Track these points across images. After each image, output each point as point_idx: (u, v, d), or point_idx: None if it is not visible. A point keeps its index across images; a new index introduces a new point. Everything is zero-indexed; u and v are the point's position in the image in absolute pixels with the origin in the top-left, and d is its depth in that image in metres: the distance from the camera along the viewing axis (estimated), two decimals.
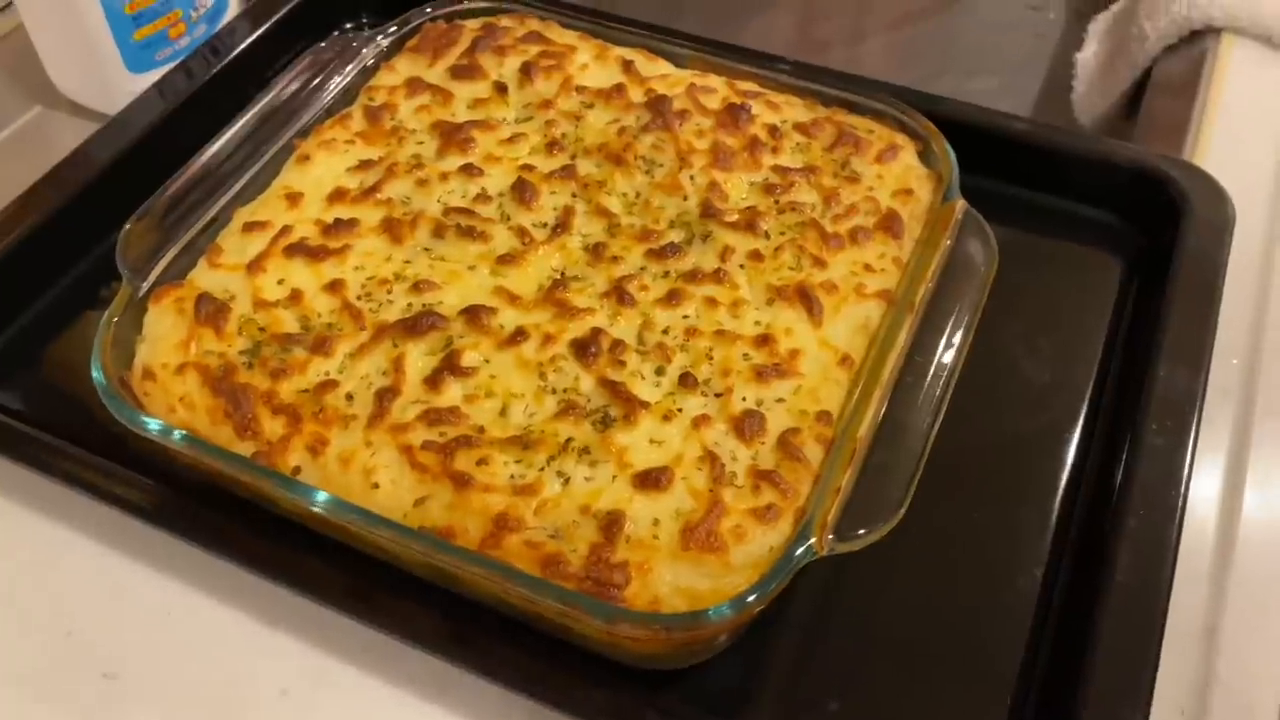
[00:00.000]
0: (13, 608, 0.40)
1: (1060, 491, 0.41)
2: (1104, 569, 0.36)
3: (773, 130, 0.45)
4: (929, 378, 0.37)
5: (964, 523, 0.40)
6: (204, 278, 0.40)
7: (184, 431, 0.35)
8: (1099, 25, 0.76)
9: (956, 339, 0.38)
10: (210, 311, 0.38)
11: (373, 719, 0.37)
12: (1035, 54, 0.95)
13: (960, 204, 0.42)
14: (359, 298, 0.39)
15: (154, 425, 0.36)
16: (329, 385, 0.36)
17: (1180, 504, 0.38)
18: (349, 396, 0.36)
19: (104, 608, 0.40)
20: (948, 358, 0.37)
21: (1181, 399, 0.40)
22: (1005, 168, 0.50)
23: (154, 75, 0.57)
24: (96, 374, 0.36)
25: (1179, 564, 0.36)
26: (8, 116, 0.63)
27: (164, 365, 0.37)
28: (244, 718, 0.37)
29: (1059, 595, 0.39)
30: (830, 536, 0.32)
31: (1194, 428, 0.40)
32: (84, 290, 0.49)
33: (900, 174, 0.43)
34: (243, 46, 0.56)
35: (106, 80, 0.58)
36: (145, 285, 0.40)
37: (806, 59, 0.49)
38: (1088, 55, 0.75)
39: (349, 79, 0.48)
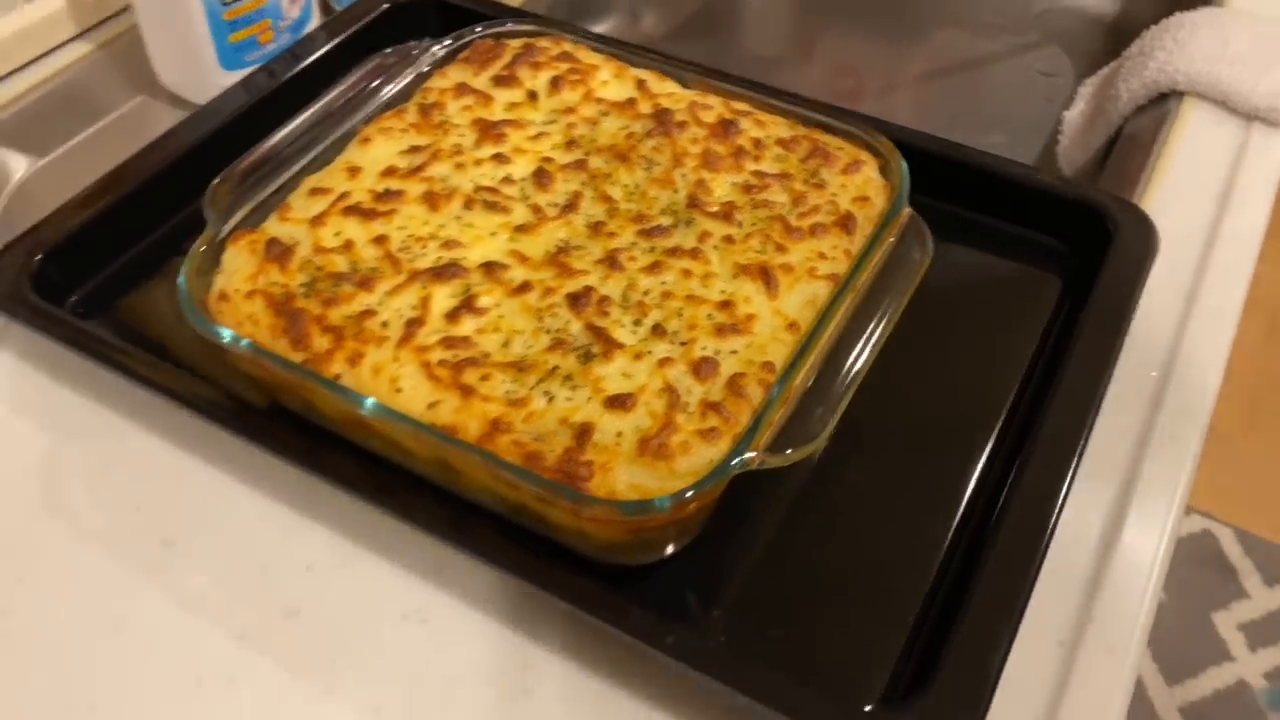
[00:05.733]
0: (91, 484, 0.49)
1: (970, 472, 0.48)
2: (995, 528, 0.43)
3: (757, 142, 0.53)
4: (859, 346, 0.44)
5: (884, 481, 0.48)
6: (274, 227, 0.49)
7: (249, 340, 0.44)
8: (1087, 89, 0.83)
9: (887, 316, 0.45)
10: (277, 252, 0.47)
11: (380, 591, 0.45)
12: (1044, 116, 1.03)
13: (907, 211, 0.49)
14: (399, 250, 0.47)
15: (226, 334, 0.44)
16: (368, 314, 0.45)
17: (1065, 487, 0.45)
18: (384, 323, 0.44)
19: (167, 489, 0.48)
20: (878, 331, 0.44)
21: (1084, 396, 0.47)
22: (962, 193, 0.58)
23: (242, 74, 0.66)
24: (182, 286, 0.45)
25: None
26: (115, 103, 0.73)
27: (236, 290, 0.46)
28: (275, 585, 0.45)
29: (961, 545, 0.45)
30: (760, 454, 0.40)
31: (1091, 418, 0.47)
32: (170, 245, 0.58)
33: (861, 184, 0.51)
34: (319, 54, 0.65)
35: (202, 75, 0.68)
36: (225, 230, 0.49)
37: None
38: (1074, 114, 0.83)
39: (407, 81, 0.57)
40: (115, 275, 0.57)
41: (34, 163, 0.69)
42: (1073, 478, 0.45)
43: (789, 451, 0.40)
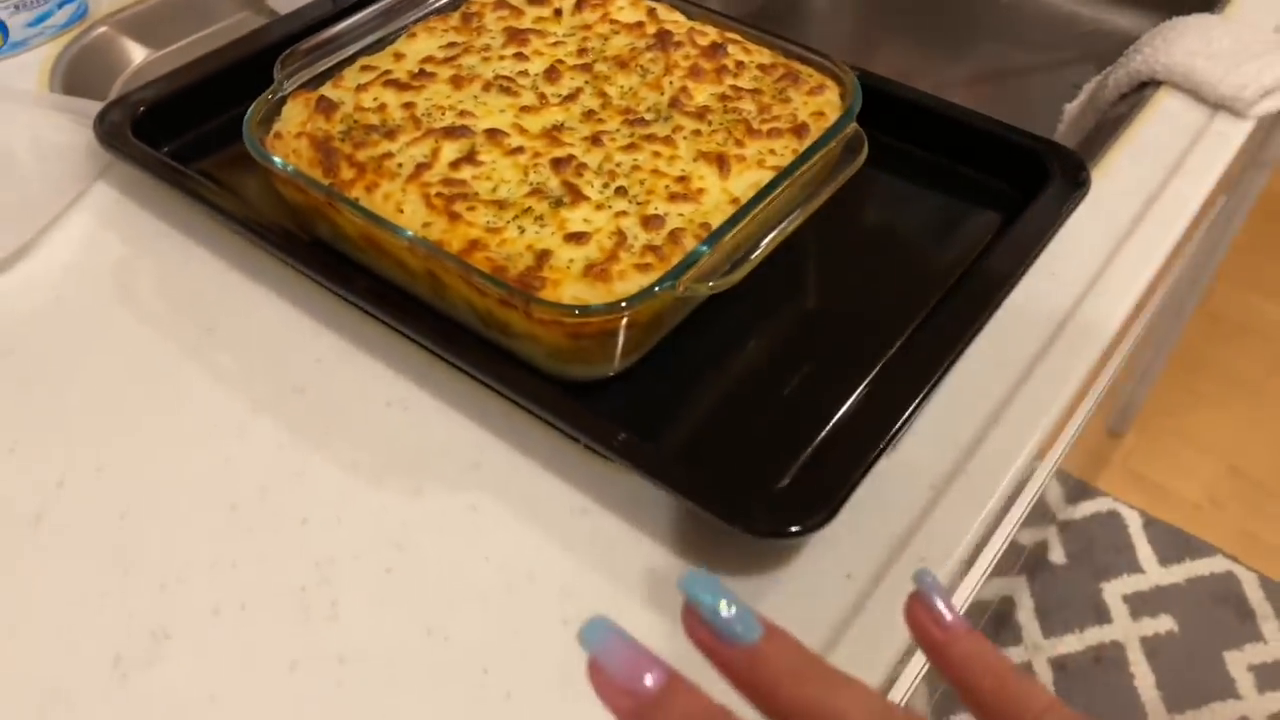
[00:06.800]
0: (155, 285, 0.59)
1: (885, 341, 0.56)
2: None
3: (740, 64, 0.62)
4: (787, 217, 0.52)
5: (803, 337, 0.57)
6: (326, 90, 0.59)
7: (294, 167, 0.54)
8: (1090, 85, 0.90)
9: (818, 196, 0.53)
10: (324, 107, 0.57)
11: (373, 382, 0.54)
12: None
13: (854, 126, 0.58)
14: (422, 114, 0.57)
15: (276, 161, 0.55)
16: (388, 156, 0.55)
17: (956, 351, 0.52)
18: (399, 164, 0.54)
19: (214, 293, 0.59)
20: (808, 207, 0.53)
21: (982, 297, 0.55)
22: (923, 136, 0.66)
23: None
24: (247, 121, 0.56)
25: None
26: (224, 14, 0.86)
27: (288, 131, 0.57)
28: (288, 369, 0.55)
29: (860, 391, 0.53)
30: (684, 283, 0.48)
31: (986, 314, 0.54)
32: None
33: (821, 104, 0.59)
34: None
35: None
36: (288, 89, 0.59)
37: None
38: (1074, 105, 0.90)
39: None
40: (200, 136, 0.68)
41: (150, 54, 0.81)
42: (966, 343, 0.52)
43: (710, 284, 0.49)
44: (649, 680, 0.26)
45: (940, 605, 0.30)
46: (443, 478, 0.51)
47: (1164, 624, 1.54)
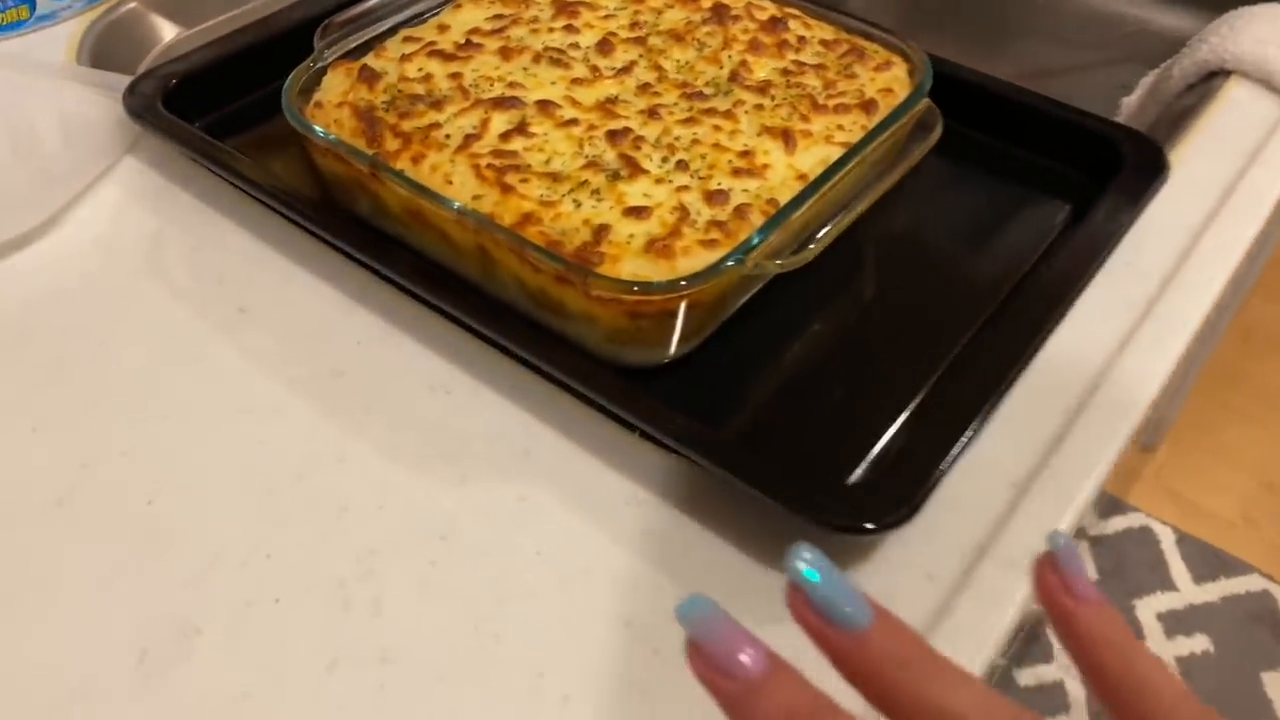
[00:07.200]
0: (187, 259, 0.57)
1: (960, 329, 0.53)
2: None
3: (801, 39, 0.59)
4: (861, 197, 0.49)
5: (877, 322, 0.53)
6: (369, 60, 0.56)
7: (335, 135, 0.51)
8: (1148, 79, 0.87)
9: (892, 175, 0.50)
10: (367, 76, 0.55)
11: (415, 366, 0.51)
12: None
13: (926, 102, 0.54)
14: (470, 85, 0.54)
15: (317, 130, 0.52)
16: (435, 127, 0.52)
17: (1038, 340, 0.49)
18: (447, 135, 0.51)
19: (248, 270, 0.56)
20: (881, 186, 0.50)
21: (1061, 288, 0.52)
22: (990, 122, 0.63)
23: None
24: (286, 89, 0.53)
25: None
26: None
27: (329, 101, 0.54)
28: (327, 351, 0.52)
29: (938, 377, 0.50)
30: (753, 259, 0.45)
31: (1063, 307, 0.51)
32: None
33: (889, 80, 0.56)
34: None
35: None
36: (329, 58, 0.56)
37: None
38: (1132, 99, 0.86)
39: None
40: (231, 112, 0.66)
41: (180, 31, 0.79)
42: (1047, 334, 0.49)
43: (778, 262, 0.46)
44: (751, 662, 0.24)
45: (1074, 570, 0.27)
46: (490, 466, 0.47)
47: (1199, 643, 1.50)
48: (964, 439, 0.45)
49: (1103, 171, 0.60)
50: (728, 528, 0.45)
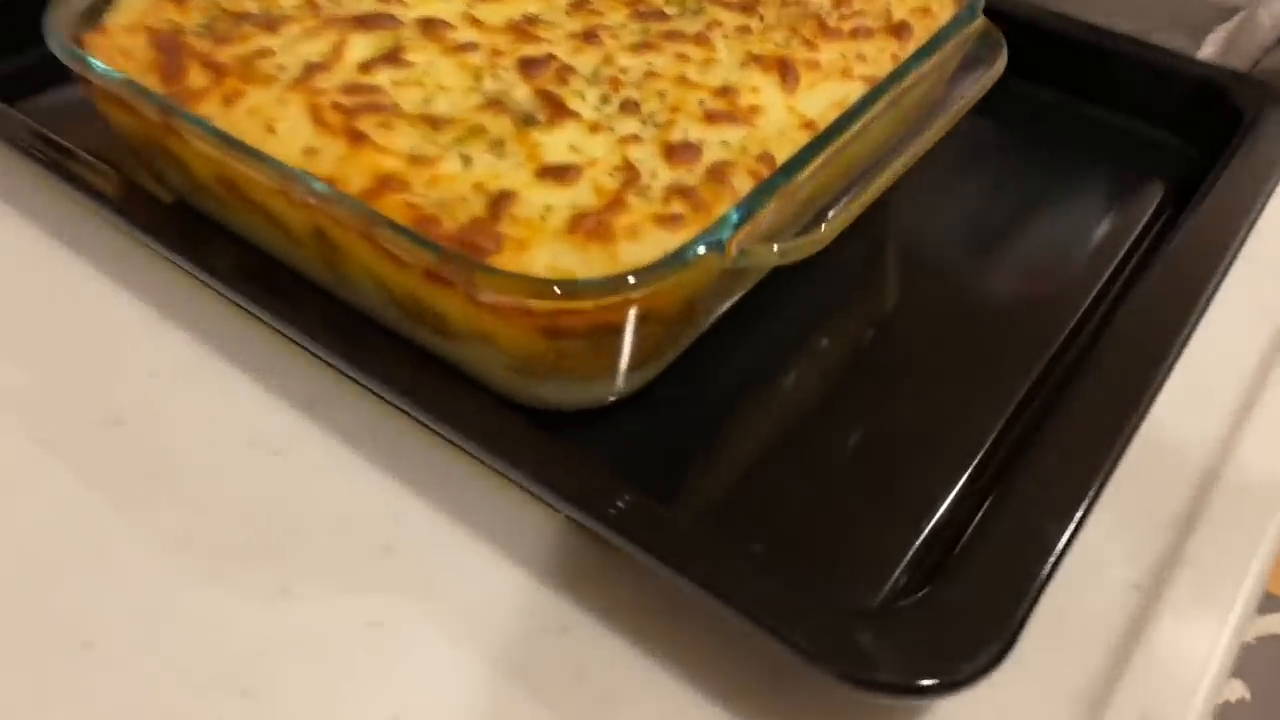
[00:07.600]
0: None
1: (1025, 368, 0.36)
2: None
3: None
4: (897, 159, 0.33)
5: (908, 346, 0.37)
6: None
7: (110, 69, 0.34)
8: (1217, 34, 0.71)
9: (937, 126, 0.34)
10: None
11: (230, 411, 0.34)
12: None
13: (982, 20, 0.38)
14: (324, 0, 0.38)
15: (93, 63, 0.35)
16: (264, 53, 0.35)
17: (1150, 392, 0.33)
18: (280, 66, 0.34)
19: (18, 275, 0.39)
20: (922, 140, 0.33)
21: (1181, 303, 0.35)
22: (1043, 68, 0.46)
23: None
24: (49, 8, 0.36)
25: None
26: None
27: (116, 24, 0.37)
28: (106, 393, 0.35)
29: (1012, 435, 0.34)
30: (739, 244, 0.29)
31: (1184, 335, 0.34)
32: None
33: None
34: None
35: None
36: None
37: None
38: (1204, 54, 0.71)
39: None
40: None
41: None
42: (1165, 371, 0.33)
43: (776, 248, 0.29)
44: None
45: None
46: (329, 570, 0.30)
47: (1234, 690, 1.34)
48: (1071, 525, 0.28)
49: (1211, 137, 0.44)
50: (696, 671, 0.28)
